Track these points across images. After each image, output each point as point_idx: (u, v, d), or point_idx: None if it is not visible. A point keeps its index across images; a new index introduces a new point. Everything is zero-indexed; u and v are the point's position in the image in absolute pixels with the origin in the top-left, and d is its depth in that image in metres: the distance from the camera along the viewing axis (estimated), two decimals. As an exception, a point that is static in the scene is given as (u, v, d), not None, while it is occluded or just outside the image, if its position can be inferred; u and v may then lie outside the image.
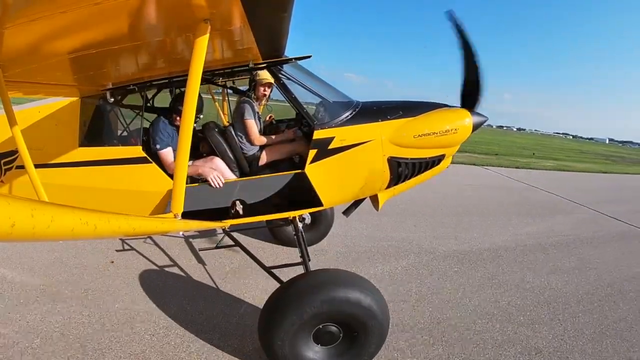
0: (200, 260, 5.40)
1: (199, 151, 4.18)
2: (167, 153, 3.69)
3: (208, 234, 6.38)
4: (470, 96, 3.92)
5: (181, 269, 5.13)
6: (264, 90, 4.47)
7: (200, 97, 3.02)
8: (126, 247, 5.59)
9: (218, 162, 3.83)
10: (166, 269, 5.12)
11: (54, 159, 3.66)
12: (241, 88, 5.23)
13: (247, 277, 4.99)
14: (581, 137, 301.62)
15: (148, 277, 4.84)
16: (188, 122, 2.50)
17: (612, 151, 69.52)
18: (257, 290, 4.66)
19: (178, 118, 3.78)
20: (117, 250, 5.43)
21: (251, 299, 4.47)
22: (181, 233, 6.08)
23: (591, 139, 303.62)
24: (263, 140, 4.17)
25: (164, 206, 3.56)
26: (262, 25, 2.56)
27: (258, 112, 4.43)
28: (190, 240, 6.09)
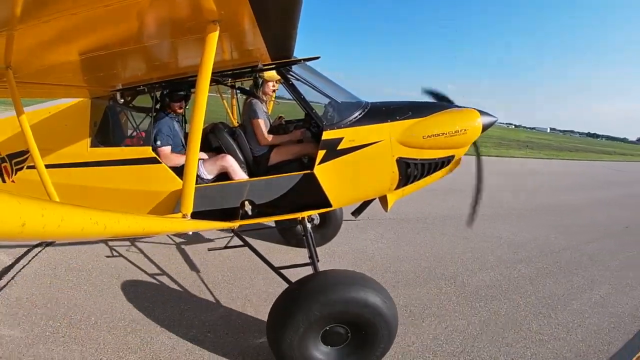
0: (208, 261, 5.41)
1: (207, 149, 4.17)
2: (164, 150, 3.76)
3: (216, 234, 6.39)
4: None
5: (187, 269, 5.16)
6: (273, 86, 4.55)
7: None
8: (138, 247, 5.63)
9: (230, 159, 3.84)
10: (171, 269, 5.14)
11: (64, 159, 3.69)
12: (248, 88, 5.24)
13: (255, 277, 5.00)
14: (524, 127, 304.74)
15: (149, 277, 4.86)
16: (197, 123, 2.51)
17: (535, 138, 72.10)
18: (265, 291, 4.66)
19: (177, 105, 3.98)
20: (107, 257, 5.35)
21: (259, 300, 4.47)
22: (190, 232, 6.09)
23: (533, 128, 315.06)
24: (270, 139, 4.17)
25: (173, 206, 3.57)
26: (271, 26, 2.56)
27: (266, 112, 4.43)
28: (199, 240, 6.11)
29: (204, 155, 3.87)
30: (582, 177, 22.06)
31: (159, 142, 3.75)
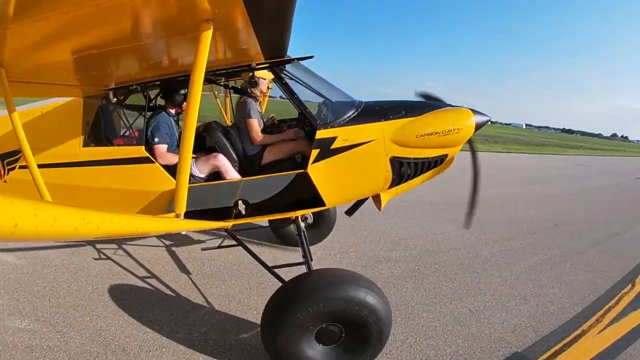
0: (201, 261, 5.40)
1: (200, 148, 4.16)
2: (160, 148, 3.74)
3: (210, 234, 6.37)
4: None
5: (180, 270, 5.15)
6: (268, 84, 4.58)
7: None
8: (127, 250, 5.61)
9: (222, 159, 3.83)
10: (164, 269, 5.13)
11: (56, 158, 3.67)
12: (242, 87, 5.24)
13: (249, 276, 4.99)
14: (500, 123, 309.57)
15: (139, 280, 4.83)
16: (191, 122, 2.51)
17: (507, 133, 73.35)
18: (259, 290, 4.66)
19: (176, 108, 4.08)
20: (94, 259, 5.26)
21: (253, 299, 4.47)
22: (183, 232, 6.07)
23: (509, 124, 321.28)
24: (264, 138, 4.17)
25: (166, 206, 3.56)
26: (264, 25, 2.56)
27: (260, 112, 4.43)
28: (192, 240, 6.10)
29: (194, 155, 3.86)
30: (535, 170, 21.15)
31: (156, 139, 3.72)
